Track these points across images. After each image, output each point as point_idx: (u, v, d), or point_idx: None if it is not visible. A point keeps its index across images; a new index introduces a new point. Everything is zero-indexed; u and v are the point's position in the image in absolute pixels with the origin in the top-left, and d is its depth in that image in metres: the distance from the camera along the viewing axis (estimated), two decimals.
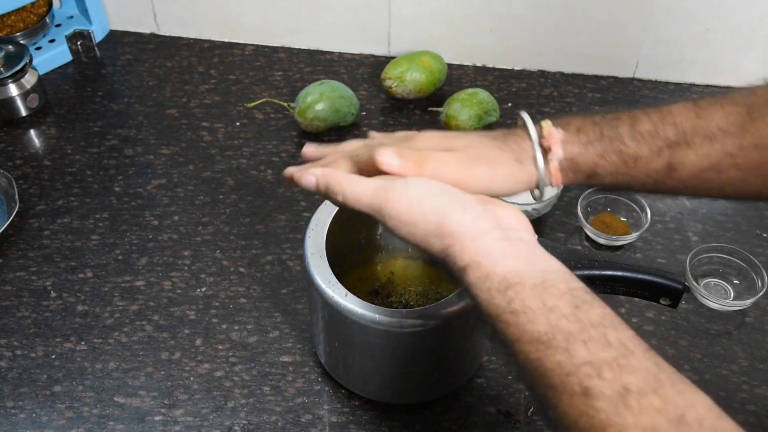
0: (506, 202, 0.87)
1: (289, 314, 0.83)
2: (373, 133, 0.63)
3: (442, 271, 0.54)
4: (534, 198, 0.61)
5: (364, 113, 1.07)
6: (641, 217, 0.89)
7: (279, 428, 0.73)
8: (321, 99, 1.00)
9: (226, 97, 1.10)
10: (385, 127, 1.05)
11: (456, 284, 0.54)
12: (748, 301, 0.82)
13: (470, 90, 1.02)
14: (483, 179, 0.57)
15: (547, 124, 0.58)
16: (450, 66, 1.12)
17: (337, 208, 0.72)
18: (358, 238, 0.81)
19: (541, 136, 0.58)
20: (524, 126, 0.59)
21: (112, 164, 1.00)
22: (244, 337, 0.81)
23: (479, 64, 1.15)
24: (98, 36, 1.18)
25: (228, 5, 1.15)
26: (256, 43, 1.19)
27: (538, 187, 0.59)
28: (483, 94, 1.01)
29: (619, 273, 0.65)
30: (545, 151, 0.58)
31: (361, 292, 0.79)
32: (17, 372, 0.78)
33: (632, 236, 0.88)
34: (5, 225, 0.89)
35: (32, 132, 1.05)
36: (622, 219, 0.91)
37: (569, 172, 0.58)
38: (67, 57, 1.15)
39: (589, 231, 0.88)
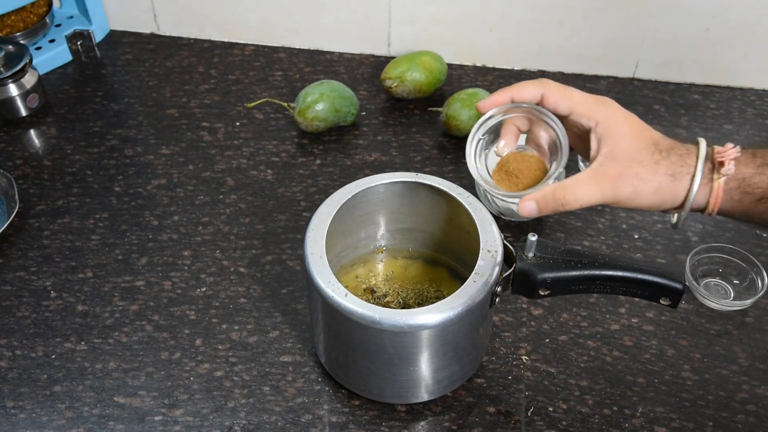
0: (504, 201, 0.87)
1: (289, 314, 0.83)
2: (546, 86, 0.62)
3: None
4: (671, 223, 0.59)
5: (364, 113, 1.07)
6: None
7: (279, 428, 0.73)
8: (321, 99, 1.00)
9: (226, 97, 1.10)
10: (385, 127, 1.05)
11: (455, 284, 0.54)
12: (748, 301, 0.82)
13: (470, 90, 1.02)
14: (624, 198, 0.58)
15: (719, 147, 0.57)
16: (450, 66, 1.12)
17: (337, 208, 0.72)
18: (358, 238, 0.81)
19: (712, 153, 0.57)
20: (696, 143, 0.58)
21: (112, 164, 1.00)
22: (244, 337, 0.81)
23: (479, 64, 1.15)
24: (98, 36, 1.18)
25: (228, 5, 1.15)
26: (256, 43, 1.19)
27: (683, 207, 0.58)
28: (483, 94, 1.01)
29: (619, 273, 0.66)
30: (714, 168, 0.57)
31: (359, 291, 0.79)
32: (17, 372, 0.78)
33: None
34: (5, 225, 0.89)
35: (32, 132, 1.05)
36: None
37: (736, 193, 0.57)
38: (67, 57, 1.15)
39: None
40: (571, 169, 0.96)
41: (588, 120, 0.59)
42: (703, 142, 0.59)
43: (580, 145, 0.62)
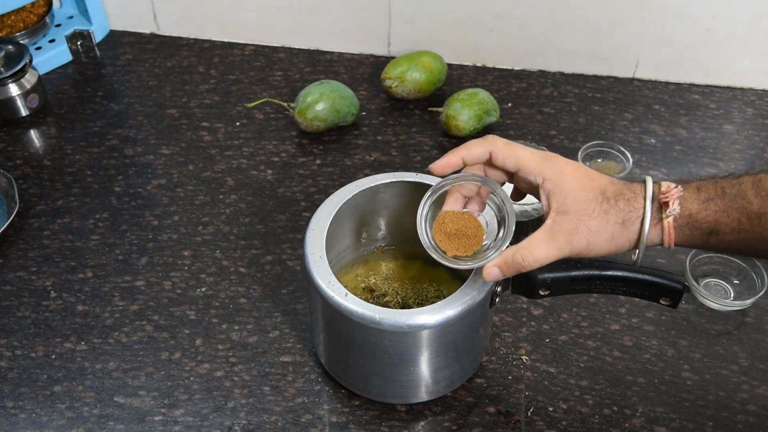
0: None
1: (289, 314, 0.83)
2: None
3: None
4: (633, 261, 0.61)
5: (364, 113, 1.07)
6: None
7: (279, 428, 0.73)
8: (321, 99, 1.00)
9: (226, 97, 1.10)
10: (385, 127, 1.05)
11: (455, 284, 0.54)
12: (748, 301, 0.82)
13: (470, 90, 1.02)
14: (580, 251, 0.60)
15: (666, 183, 0.58)
16: (450, 66, 1.12)
17: (337, 208, 0.72)
18: (358, 238, 0.81)
19: (658, 192, 0.58)
20: (643, 182, 0.59)
21: (112, 164, 1.00)
22: (244, 337, 0.81)
23: (479, 64, 1.15)
24: (98, 36, 1.18)
25: (228, 5, 1.15)
26: (256, 43, 1.19)
27: (638, 247, 0.60)
28: (483, 94, 1.01)
29: (619, 273, 0.66)
30: (662, 208, 0.58)
31: (359, 290, 0.79)
32: (17, 372, 0.78)
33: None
34: (5, 225, 0.89)
35: (32, 132, 1.05)
36: None
37: (686, 229, 0.58)
38: (67, 57, 1.15)
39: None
40: None
41: (535, 177, 0.61)
42: (649, 183, 0.59)
43: (535, 194, 0.64)
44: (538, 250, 0.60)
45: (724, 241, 0.58)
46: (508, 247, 0.62)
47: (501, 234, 0.64)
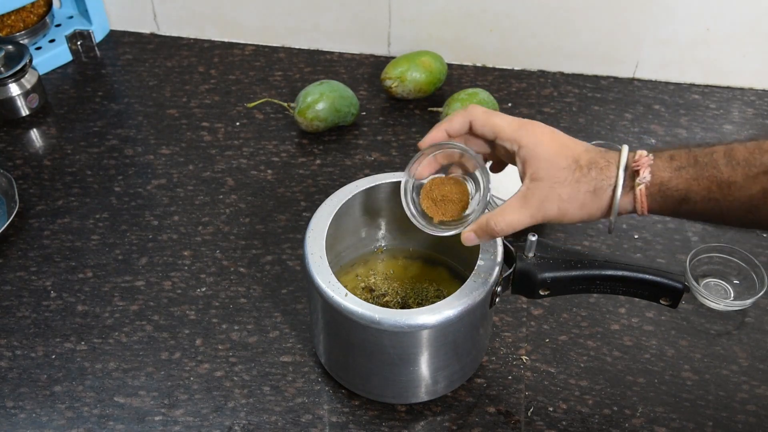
0: (504, 201, 0.87)
1: (289, 314, 0.83)
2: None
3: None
4: (609, 230, 0.62)
5: (364, 113, 1.07)
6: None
7: (279, 428, 0.73)
8: (321, 99, 1.00)
9: (226, 97, 1.10)
10: (385, 127, 1.05)
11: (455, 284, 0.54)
12: (748, 301, 0.82)
13: (470, 90, 1.02)
14: (552, 218, 0.61)
15: (639, 152, 0.59)
16: (450, 66, 1.12)
17: (337, 208, 0.72)
18: (358, 238, 0.81)
19: (631, 161, 0.59)
20: (619, 151, 0.60)
21: (112, 164, 1.00)
22: (244, 337, 0.81)
23: (479, 64, 1.15)
24: (98, 36, 1.18)
25: (228, 5, 1.15)
26: (256, 43, 1.19)
27: (610, 215, 0.60)
28: (483, 94, 1.01)
29: (619, 273, 0.66)
30: (634, 175, 0.58)
31: (359, 290, 0.79)
32: (17, 372, 0.78)
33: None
34: (5, 225, 0.89)
35: (32, 132, 1.05)
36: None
37: (658, 197, 0.59)
38: (67, 57, 1.15)
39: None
40: None
41: (511, 144, 0.62)
42: (624, 151, 0.60)
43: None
44: (510, 216, 0.61)
45: (695, 209, 0.59)
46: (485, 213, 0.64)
47: (478, 199, 0.66)
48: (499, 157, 0.66)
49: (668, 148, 0.60)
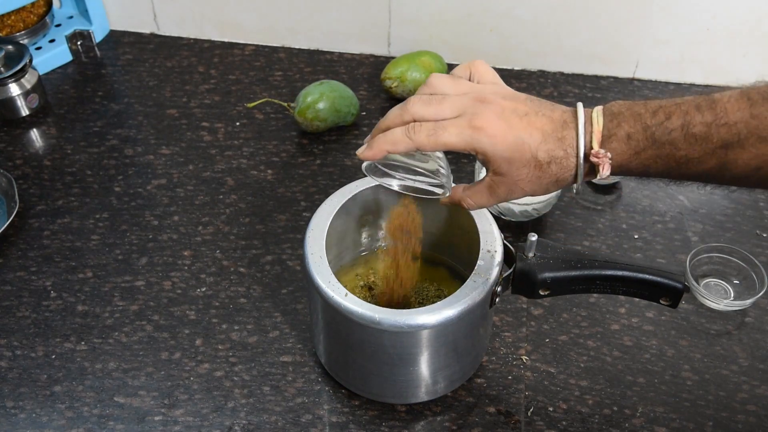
0: (507, 203, 0.87)
1: (289, 314, 0.83)
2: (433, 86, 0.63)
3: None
4: (574, 192, 0.63)
5: (364, 113, 1.07)
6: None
7: (279, 428, 0.73)
8: (321, 99, 1.00)
9: (226, 97, 1.10)
10: None
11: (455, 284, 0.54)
12: (748, 301, 0.82)
13: None
14: (519, 199, 0.64)
15: (596, 142, 0.58)
16: (450, 66, 1.12)
17: (337, 208, 0.72)
18: (358, 238, 0.81)
19: (589, 149, 0.58)
20: (575, 130, 0.58)
21: (112, 164, 1.00)
22: (244, 337, 0.81)
23: None
24: (98, 36, 1.18)
25: (228, 5, 1.15)
26: (256, 43, 1.19)
27: (575, 190, 0.62)
28: None
29: (619, 273, 0.66)
30: (594, 167, 0.58)
31: (358, 288, 0.79)
32: (17, 372, 0.78)
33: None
34: (5, 225, 0.89)
35: (32, 132, 1.05)
36: None
37: (618, 171, 0.59)
38: (67, 57, 1.15)
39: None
40: None
41: (468, 152, 0.60)
42: (581, 140, 0.58)
43: None
44: (479, 199, 0.64)
45: (653, 177, 0.60)
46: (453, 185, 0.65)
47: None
48: None
49: (622, 119, 0.58)
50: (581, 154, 0.58)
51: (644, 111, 0.58)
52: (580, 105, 0.59)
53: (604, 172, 0.58)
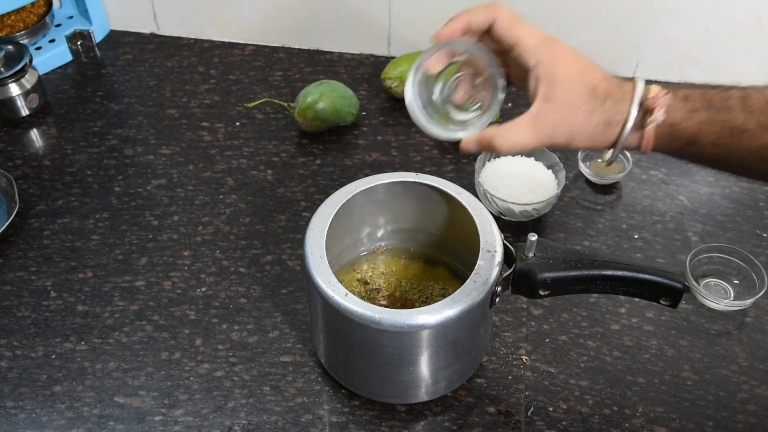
0: (504, 201, 0.87)
1: (289, 314, 0.83)
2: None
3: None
4: (604, 161, 0.60)
5: (364, 113, 1.07)
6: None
7: (279, 428, 0.73)
8: (321, 99, 1.00)
9: (226, 97, 1.10)
10: (385, 127, 1.05)
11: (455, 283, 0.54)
12: (748, 301, 0.82)
13: None
14: (559, 145, 0.59)
15: (655, 88, 0.57)
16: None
17: (337, 208, 0.72)
18: (358, 238, 0.81)
19: (646, 97, 0.57)
20: (634, 83, 0.58)
21: (112, 164, 1.00)
22: (244, 337, 0.81)
23: None
24: (98, 36, 1.18)
25: (228, 5, 1.15)
26: (256, 43, 1.19)
27: (614, 147, 0.59)
28: None
29: (619, 273, 0.66)
30: (647, 113, 0.57)
31: (354, 282, 0.79)
32: (17, 372, 0.78)
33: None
34: (5, 225, 0.89)
35: (32, 132, 1.05)
36: None
37: (666, 137, 0.57)
38: (67, 57, 1.15)
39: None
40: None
41: (528, 58, 0.58)
42: (639, 86, 0.58)
43: (522, 83, 0.61)
44: (516, 136, 0.58)
45: (700, 152, 0.58)
46: (493, 123, 0.60)
47: (487, 111, 0.62)
48: (509, 74, 0.62)
49: (683, 87, 0.58)
50: (637, 98, 0.57)
51: (705, 85, 0.58)
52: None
53: (659, 114, 0.56)
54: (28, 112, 1.05)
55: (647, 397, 0.75)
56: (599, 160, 0.81)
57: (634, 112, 0.57)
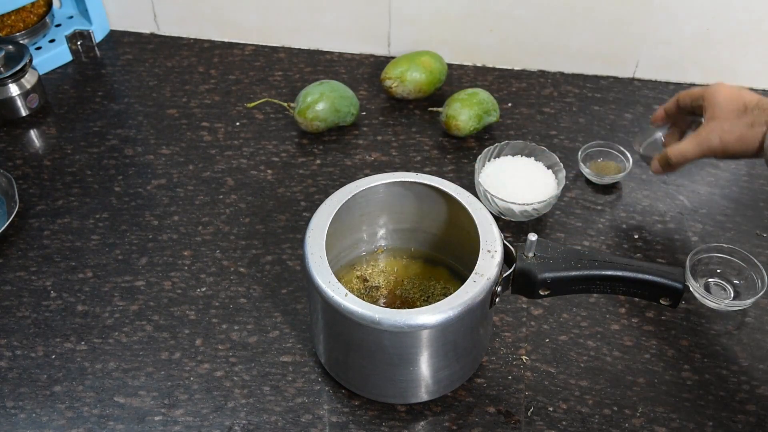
0: (504, 201, 0.87)
1: (289, 314, 0.83)
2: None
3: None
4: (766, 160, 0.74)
5: (364, 113, 1.07)
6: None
7: (279, 428, 0.73)
8: (321, 99, 1.00)
9: (226, 97, 1.10)
10: (385, 127, 1.05)
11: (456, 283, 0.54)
12: (748, 301, 0.82)
13: (470, 90, 1.02)
14: (715, 148, 0.77)
15: None
16: (450, 66, 1.12)
17: (337, 208, 0.72)
18: (358, 238, 0.81)
19: None
20: None
21: (112, 164, 1.00)
22: (244, 337, 0.81)
23: (479, 64, 1.15)
24: (98, 36, 1.18)
25: (228, 5, 1.15)
26: (256, 43, 1.19)
27: (759, 154, 0.74)
28: (483, 94, 1.01)
29: (619, 273, 0.66)
30: None
31: (354, 278, 0.79)
32: (17, 372, 0.78)
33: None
34: (5, 225, 0.89)
35: (32, 132, 1.05)
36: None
37: None
38: (67, 57, 1.15)
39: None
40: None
41: (700, 96, 0.80)
42: None
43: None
44: (682, 147, 0.79)
45: None
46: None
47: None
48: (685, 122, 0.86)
49: None
50: None
51: None
52: None
53: None
54: (28, 112, 1.05)
55: (647, 397, 0.75)
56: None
57: None
